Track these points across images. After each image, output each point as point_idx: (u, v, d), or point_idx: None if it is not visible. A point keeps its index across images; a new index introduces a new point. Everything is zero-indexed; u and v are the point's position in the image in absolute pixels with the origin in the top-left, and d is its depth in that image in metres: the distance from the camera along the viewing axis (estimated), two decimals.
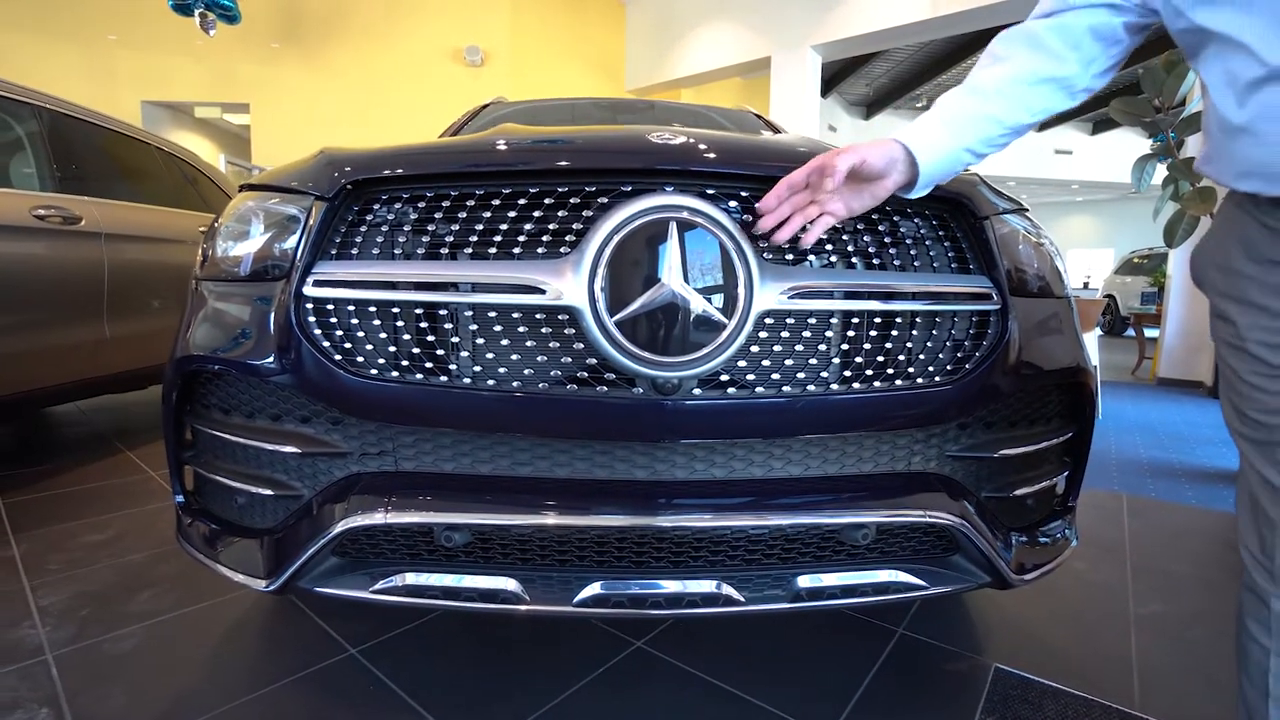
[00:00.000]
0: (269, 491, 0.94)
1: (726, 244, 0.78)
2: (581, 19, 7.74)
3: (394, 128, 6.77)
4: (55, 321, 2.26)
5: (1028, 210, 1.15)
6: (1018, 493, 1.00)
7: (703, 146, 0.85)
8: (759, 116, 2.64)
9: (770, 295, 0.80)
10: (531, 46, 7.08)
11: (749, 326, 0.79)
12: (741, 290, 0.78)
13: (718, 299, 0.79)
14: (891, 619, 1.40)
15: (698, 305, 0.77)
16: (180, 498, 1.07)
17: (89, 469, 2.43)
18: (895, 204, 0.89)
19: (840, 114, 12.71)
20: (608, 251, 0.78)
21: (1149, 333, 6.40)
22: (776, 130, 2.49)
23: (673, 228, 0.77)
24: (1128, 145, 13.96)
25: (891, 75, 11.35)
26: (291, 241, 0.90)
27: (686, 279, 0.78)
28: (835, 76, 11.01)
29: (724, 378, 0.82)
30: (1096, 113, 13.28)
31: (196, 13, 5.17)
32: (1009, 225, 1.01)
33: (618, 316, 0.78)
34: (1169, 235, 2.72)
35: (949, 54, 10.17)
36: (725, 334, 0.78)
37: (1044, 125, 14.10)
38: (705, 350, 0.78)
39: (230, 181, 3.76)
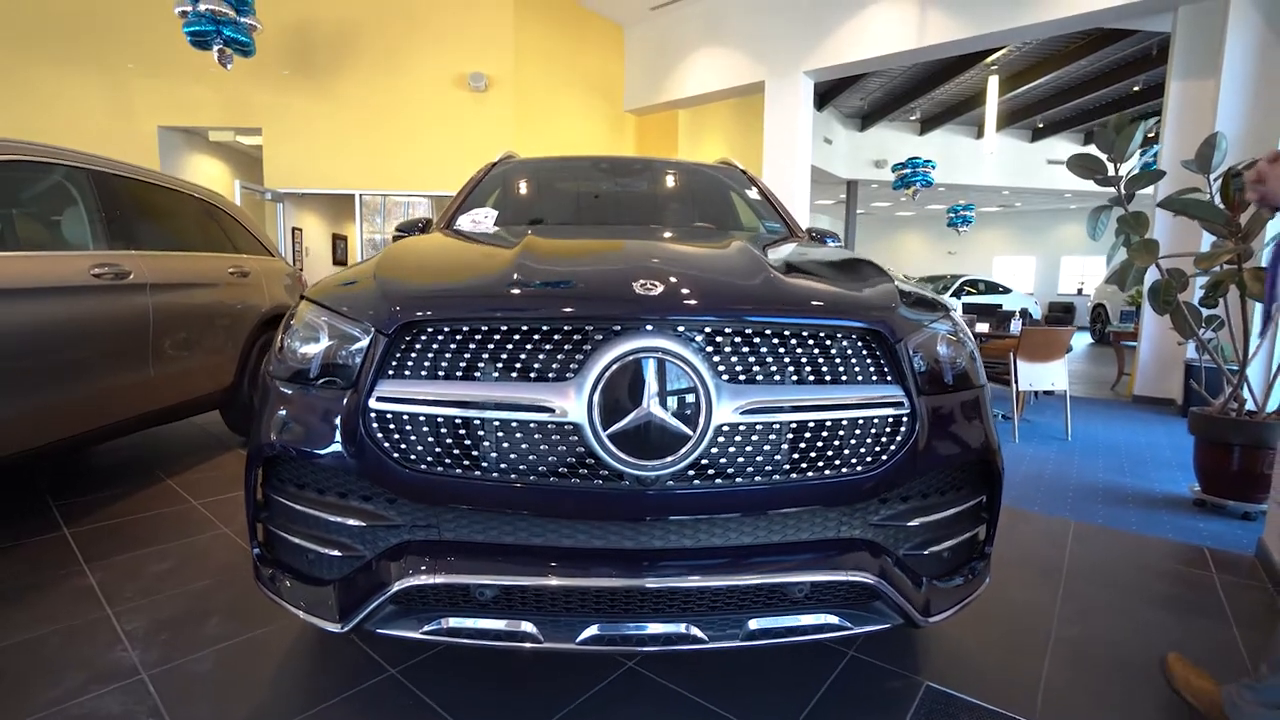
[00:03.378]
0: (337, 553, 1.20)
1: (691, 375, 1.04)
2: (581, 44, 7.99)
3: (401, 152, 7.02)
4: (109, 369, 2.51)
5: (952, 311, 1.41)
6: (931, 550, 1.26)
7: (684, 291, 1.11)
8: (743, 172, 2.89)
9: (726, 411, 1.06)
10: (533, 71, 7.33)
11: (709, 436, 1.04)
12: (702, 410, 1.04)
13: (685, 415, 1.04)
14: (845, 642, 1.66)
15: (669, 422, 1.03)
16: (257, 550, 1.33)
17: (138, 498, 2.69)
18: (828, 331, 1.15)
19: (836, 126, 12.96)
20: (602, 381, 1.03)
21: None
22: (757, 185, 2.74)
23: (650, 364, 1.03)
24: None
25: (885, 89, 11.60)
26: (356, 360, 1.15)
27: (661, 403, 1.03)
28: (830, 91, 11.26)
29: (690, 472, 1.08)
30: (1090, 123, 13.53)
31: (215, 49, 5.41)
32: (930, 332, 1.27)
33: (609, 430, 1.03)
34: (1120, 280, 2.97)
35: (943, 69, 10.41)
36: (690, 443, 1.04)
37: (1036, 136, 14.34)
38: (675, 454, 1.04)
39: (249, 216, 4.00)
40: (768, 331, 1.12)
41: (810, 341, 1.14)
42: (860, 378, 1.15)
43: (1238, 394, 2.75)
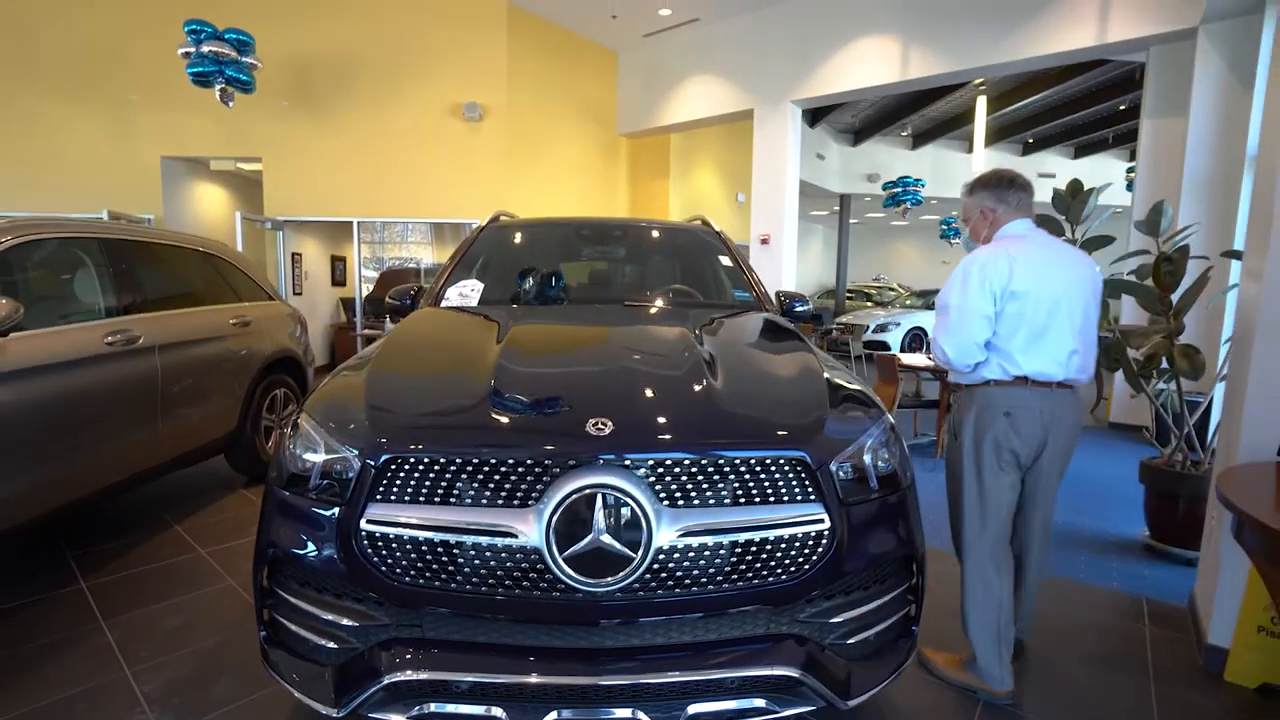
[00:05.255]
0: (333, 645, 1.37)
1: (634, 506, 1.21)
2: (576, 70, 8.17)
3: (397, 180, 7.20)
4: (121, 430, 2.69)
5: (885, 415, 1.58)
6: (856, 638, 1.43)
7: (629, 432, 1.29)
8: (718, 234, 3.05)
9: (666, 534, 1.23)
10: (527, 98, 7.50)
11: (650, 557, 1.22)
12: (644, 535, 1.22)
13: (630, 540, 1.22)
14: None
15: (616, 547, 1.21)
16: (263, 633, 1.50)
17: (149, 546, 2.87)
18: (758, 459, 1.33)
19: (829, 142, 13.13)
20: (558, 512, 1.21)
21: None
22: (729, 250, 2.91)
23: (599, 497, 1.21)
24: (1108, 169, 14.37)
25: (877, 108, 11.78)
26: (349, 477, 1.33)
27: (609, 530, 1.21)
28: (823, 108, 11.44)
29: (636, 586, 1.26)
30: (1079, 139, 13.71)
31: (217, 88, 5.59)
32: (857, 446, 1.44)
33: (565, 554, 1.21)
34: None
35: (933, 90, 10.58)
36: (633, 564, 1.22)
37: (1026, 150, 14.51)
38: (621, 573, 1.22)
39: (250, 261, 4.17)
40: (704, 461, 1.30)
41: (742, 468, 1.31)
42: (785, 497, 1.33)
43: (1183, 447, 2.92)
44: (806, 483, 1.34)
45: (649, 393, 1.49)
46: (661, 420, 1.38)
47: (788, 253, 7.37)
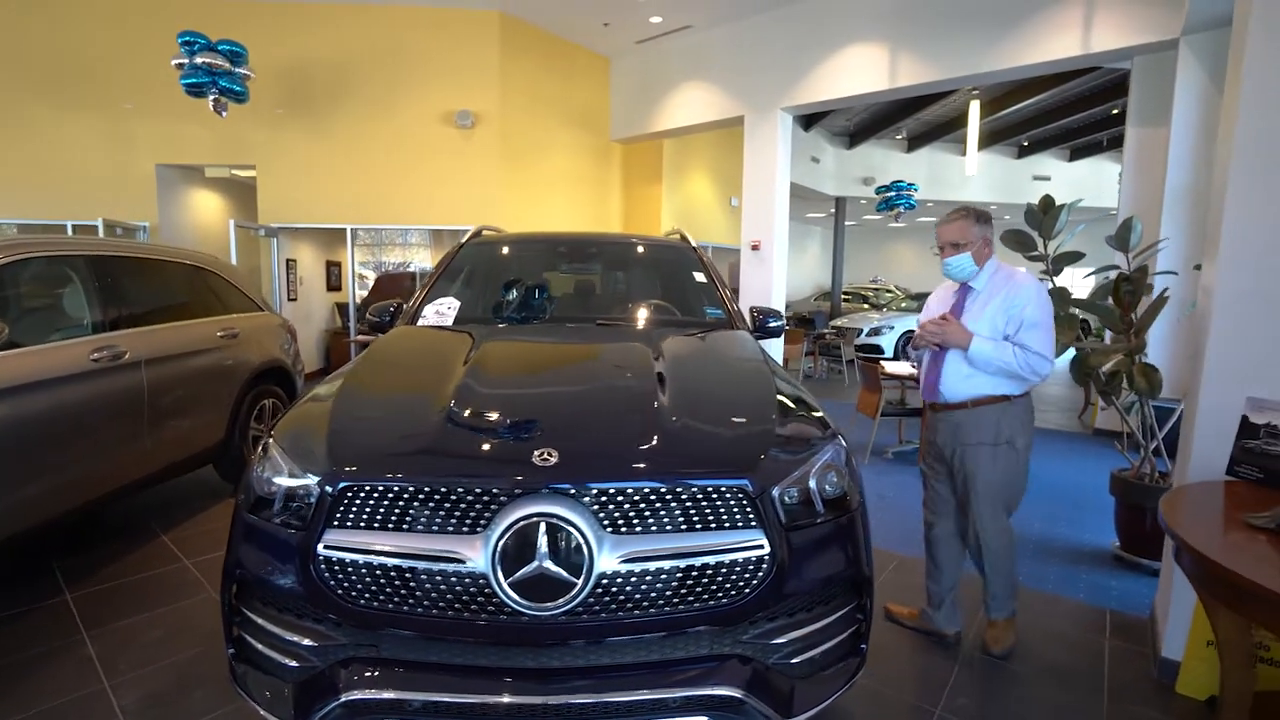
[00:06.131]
0: (294, 663, 1.43)
1: (577, 534, 1.27)
2: (569, 76, 8.22)
3: (390, 187, 7.26)
4: (107, 444, 2.75)
5: (838, 437, 1.63)
6: (801, 658, 1.48)
7: (573, 464, 1.34)
8: (694, 249, 3.09)
9: (608, 561, 1.28)
10: (520, 105, 7.55)
11: (593, 582, 1.27)
12: (586, 562, 1.27)
13: (572, 566, 1.27)
14: None
15: (559, 574, 1.26)
16: (231, 650, 1.56)
17: (135, 557, 2.93)
18: (700, 487, 1.37)
19: (824, 145, 13.16)
20: (504, 540, 1.26)
21: None
22: (704, 265, 2.95)
23: (543, 525, 1.26)
24: (1103, 171, 14.39)
25: (871, 112, 11.81)
26: (310, 502, 1.38)
27: (552, 557, 1.26)
28: (818, 113, 11.47)
29: (580, 609, 1.31)
30: (1074, 141, 13.72)
31: (210, 98, 5.65)
32: (803, 471, 1.49)
33: (510, 580, 1.26)
34: None
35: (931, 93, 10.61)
36: (576, 589, 1.27)
37: (1022, 153, 14.54)
38: (564, 598, 1.27)
39: (239, 273, 4.23)
40: (647, 490, 1.35)
41: (684, 496, 1.37)
42: (727, 523, 1.38)
43: (1150, 460, 2.97)
44: (748, 509, 1.39)
45: (599, 421, 1.54)
46: (607, 450, 1.43)
47: (778, 259, 7.42)
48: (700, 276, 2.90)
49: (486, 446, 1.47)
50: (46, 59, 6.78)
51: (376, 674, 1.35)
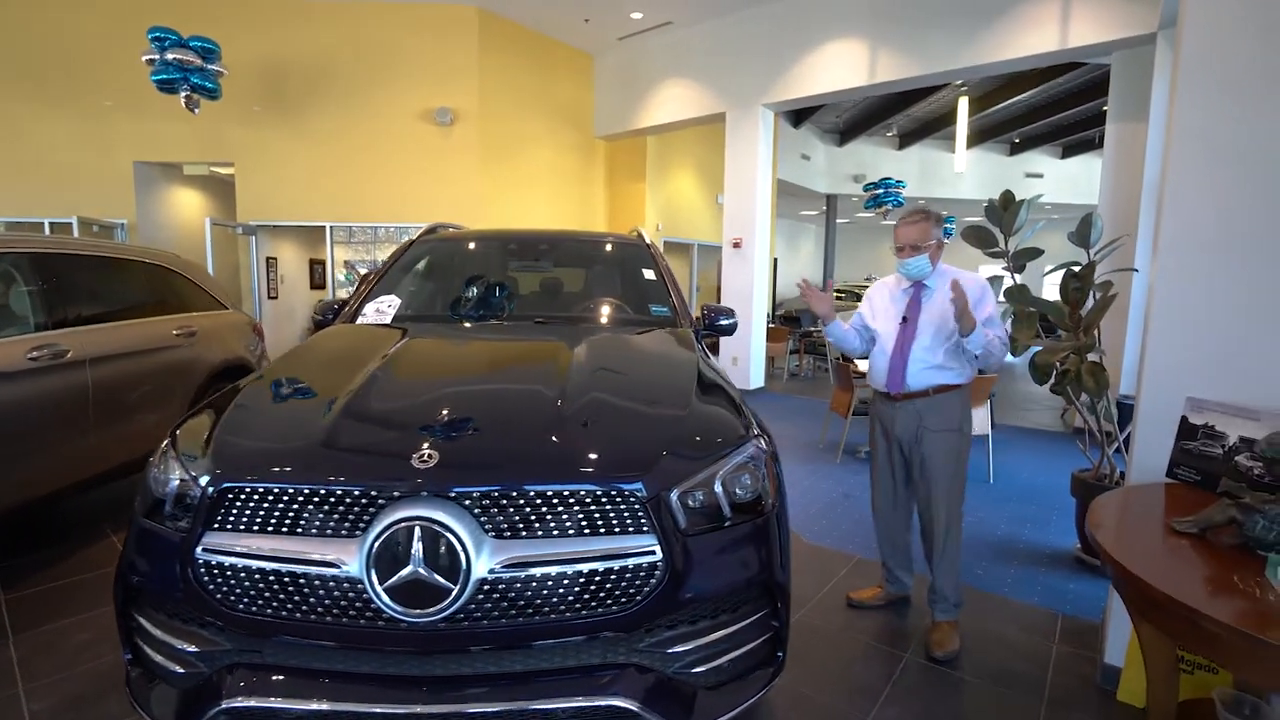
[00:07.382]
0: (179, 668, 1.39)
1: (453, 539, 1.22)
2: (550, 72, 8.16)
3: (370, 185, 7.22)
4: (49, 443, 2.71)
5: (756, 437, 1.58)
6: (705, 667, 1.43)
7: (454, 466, 1.30)
8: (648, 247, 3.04)
9: (486, 566, 1.24)
10: (501, 101, 7.50)
11: (470, 589, 1.23)
12: (462, 567, 1.22)
13: (448, 571, 1.23)
14: None
15: (434, 579, 1.22)
16: (128, 655, 1.52)
17: (81, 557, 2.89)
18: (587, 492, 1.33)
19: (814, 142, 13.10)
20: (379, 543, 1.22)
21: None
22: (656, 264, 2.90)
23: (418, 529, 1.22)
24: (1095, 169, 14.29)
25: (861, 109, 11.74)
26: (190, 512, 1.34)
27: (427, 562, 1.22)
28: (807, 109, 11.41)
29: (460, 616, 1.26)
30: (1066, 139, 13.64)
31: (182, 94, 5.61)
32: (707, 474, 1.44)
33: (385, 585, 1.22)
34: (1012, 348, 3.13)
35: (916, 90, 10.54)
36: (452, 595, 1.22)
37: (1014, 150, 14.45)
38: (440, 604, 1.23)
39: (203, 272, 4.18)
40: (532, 494, 1.30)
41: (572, 500, 1.32)
42: (618, 528, 1.33)
43: (1111, 461, 2.92)
44: (640, 514, 1.35)
45: (490, 422, 1.50)
46: (491, 452, 1.39)
47: (760, 256, 7.36)
48: (650, 274, 2.85)
49: (370, 447, 1.43)
50: (23, 54, 6.75)
51: (257, 681, 1.31)
